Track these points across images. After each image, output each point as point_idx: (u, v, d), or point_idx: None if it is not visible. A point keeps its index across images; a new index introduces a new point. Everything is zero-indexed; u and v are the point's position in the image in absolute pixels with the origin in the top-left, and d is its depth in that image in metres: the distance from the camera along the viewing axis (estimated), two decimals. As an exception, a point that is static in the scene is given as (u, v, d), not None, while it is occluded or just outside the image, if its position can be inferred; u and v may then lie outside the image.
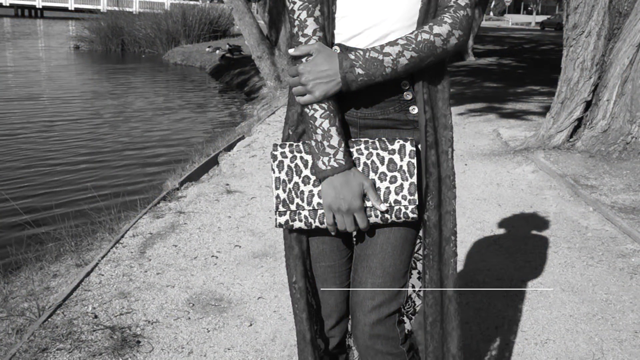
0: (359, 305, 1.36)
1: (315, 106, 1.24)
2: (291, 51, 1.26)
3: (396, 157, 1.28)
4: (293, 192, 1.31)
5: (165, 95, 13.60)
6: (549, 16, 50.47)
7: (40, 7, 49.68)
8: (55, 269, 3.22)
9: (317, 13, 1.27)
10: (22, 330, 2.52)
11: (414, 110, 1.32)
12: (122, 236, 3.52)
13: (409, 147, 1.28)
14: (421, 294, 1.44)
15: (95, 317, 2.60)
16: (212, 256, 3.31)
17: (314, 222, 1.31)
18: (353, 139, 1.30)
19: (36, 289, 2.94)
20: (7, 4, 48.33)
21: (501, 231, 3.69)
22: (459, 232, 3.19)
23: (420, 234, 1.40)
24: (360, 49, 1.24)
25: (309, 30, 1.26)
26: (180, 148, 7.87)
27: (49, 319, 2.56)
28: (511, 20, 56.15)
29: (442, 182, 1.36)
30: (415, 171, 1.28)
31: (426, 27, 1.24)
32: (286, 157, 1.31)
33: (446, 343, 1.42)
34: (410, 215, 1.28)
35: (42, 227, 4.57)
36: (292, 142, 1.34)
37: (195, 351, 2.38)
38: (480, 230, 3.66)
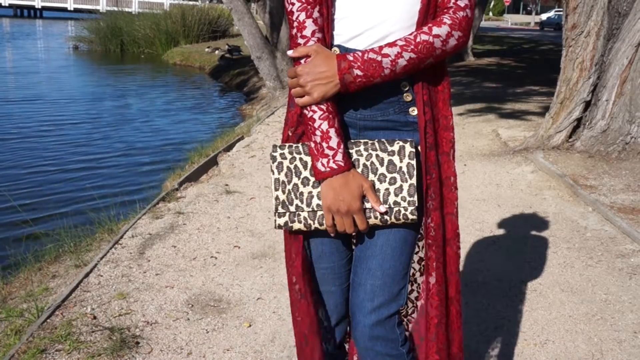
0: (359, 307, 1.36)
1: (314, 107, 1.24)
2: (290, 52, 1.26)
3: (396, 159, 1.27)
4: (292, 193, 1.30)
5: (165, 95, 13.59)
6: (548, 16, 50.43)
7: (40, 7, 49.58)
8: (54, 270, 3.22)
9: (316, 14, 1.26)
10: (21, 331, 2.52)
11: (414, 111, 1.32)
12: (121, 237, 3.52)
13: (408, 148, 1.27)
14: (422, 294, 1.44)
15: (94, 318, 2.60)
16: (211, 257, 3.30)
17: (313, 223, 1.31)
18: (352, 140, 1.30)
19: (35, 290, 2.94)
20: (7, 4, 48.27)
21: (501, 231, 3.69)
22: (458, 232, 3.19)
23: (422, 234, 1.39)
24: (358, 50, 1.23)
25: (307, 32, 1.26)
26: (180, 148, 7.87)
27: (48, 320, 2.55)
28: (510, 21, 56.15)
29: (442, 183, 1.35)
30: (415, 172, 1.27)
31: (425, 28, 1.24)
32: (285, 158, 1.31)
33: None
34: (410, 216, 1.28)
35: (41, 228, 4.57)
36: (291, 144, 1.33)
37: (194, 352, 2.38)
38: (480, 231, 3.66)
